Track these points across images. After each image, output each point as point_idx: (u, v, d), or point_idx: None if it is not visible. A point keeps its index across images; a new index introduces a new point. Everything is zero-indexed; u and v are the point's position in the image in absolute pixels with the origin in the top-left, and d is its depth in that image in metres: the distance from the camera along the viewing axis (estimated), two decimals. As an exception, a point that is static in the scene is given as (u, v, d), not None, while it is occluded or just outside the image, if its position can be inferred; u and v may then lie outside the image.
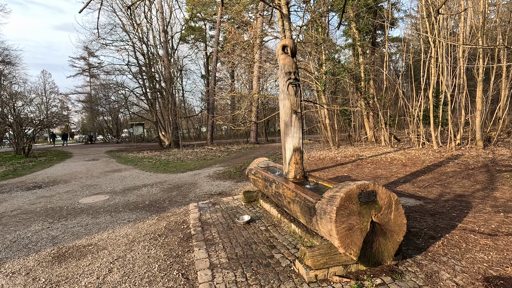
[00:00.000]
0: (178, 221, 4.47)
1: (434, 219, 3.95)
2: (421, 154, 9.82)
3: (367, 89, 14.64)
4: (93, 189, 7.23)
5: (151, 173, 9.42)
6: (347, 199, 2.33)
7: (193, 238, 3.68)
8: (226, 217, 4.43)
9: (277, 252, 3.12)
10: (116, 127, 36.45)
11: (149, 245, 3.57)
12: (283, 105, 3.83)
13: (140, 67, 23.97)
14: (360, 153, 11.55)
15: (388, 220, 2.42)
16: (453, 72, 11.55)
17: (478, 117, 10.34)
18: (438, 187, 5.79)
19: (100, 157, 15.65)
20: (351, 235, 2.32)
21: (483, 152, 9.11)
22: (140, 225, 4.37)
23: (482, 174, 6.55)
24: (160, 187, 7.16)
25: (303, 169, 3.87)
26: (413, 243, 3.19)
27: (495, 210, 4.21)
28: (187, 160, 12.94)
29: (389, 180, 6.64)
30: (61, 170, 11.05)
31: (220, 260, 3.02)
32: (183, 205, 5.40)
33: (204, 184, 7.28)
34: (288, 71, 3.71)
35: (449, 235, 3.36)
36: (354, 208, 2.35)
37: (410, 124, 12.62)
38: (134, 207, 5.43)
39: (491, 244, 3.08)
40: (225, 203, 5.31)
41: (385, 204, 2.42)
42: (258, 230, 3.82)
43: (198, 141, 28.41)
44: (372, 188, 2.40)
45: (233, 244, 3.42)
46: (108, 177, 8.94)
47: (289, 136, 3.80)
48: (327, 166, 9.23)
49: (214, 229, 3.96)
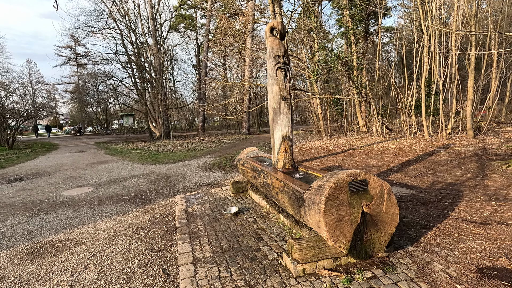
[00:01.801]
0: (164, 213, 4.29)
1: (426, 208, 3.86)
2: (412, 144, 9.79)
3: (359, 79, 14.50)
4: (77, 181, 6.97)
5: (139, 165, 9.17)
6: (336, 189, 2.17)
7: (177, 231, 3.51)
8: (214, 209, 4.27)
9: (264, 245, 2.98)
10: (105, 118, 35.67)
11: (131, 239, 3.39)
12: (271, 91, 3.63)
13: (129, 56, 23.29)
14: (352, 143, 11.49)
15: (380, 211, 2.29)
16: (445, 62, 11.47)
17: (469, 106, 10.34)
18: (429, 176, 5.73)
19: (88, 149, 15.25)
20: (341, 226, 2.18)
21: (473, 141, 9.13)
22: (123, 218, 4.18)
23: (473, 163, 6.53)
24: (147, 179, 6.94)
25: (292, 159, 3.71)
26: (405, 234, 3.09)
27: (486, 198, 4.15)
28: (177, 151, 12.68)
29: (380, 170, 6.56)
30: (45, 162, 10.68)
31: (204, 254, 2.87)
32: (170, 197, 5.21)
33: (193, 175, 7.09)
34: (276, 54, 3.50)
35: (441, 225, 3.28)
36: (344, 198, 2.20)
37: (402, 114, 12.57)
38: (118, 200, 5.22)
39: (484, 233, 3.00)
40: (214, 194, 5.14)
41: (377, 194, 2.28)
42: (246, 222, 3.67)
43: (190, 132, 28.04)
44: (363, 177, 2.25)
45: (219, 237, 3.27)
46: (94, 169, 8.65)
47: (278, 124, 3.62)
48: (318, 156, 9.13)
49: (200, 221, 3.80)
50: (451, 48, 10.77)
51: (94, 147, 15.97)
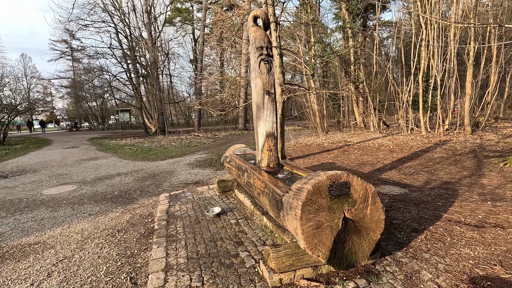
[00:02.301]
0: (144, 213, 4.09)
1: (419, 209, 3.67)
2: (409, 140, 9.60)
3: (356, 73, 14.23)
4: (62, 179, 6.75)
5: (128, 161, 8.95)
6: (315, 193, 1.97)
7: (154, 234, 3.31)
8: (196, 209, 4.07)
9: (243, 250, 2.79)
10: (101, 114, 35.32)
11: (104, 242, 3.19)
12: (254, 85, 3.40)
13: (124, 51, 22.89)
14: (348, 139, 11.29)
15: (363, 216, 2.09)
16: (443, 56, 11.22)
17: (467, 101, 10.12)
18: (424, 174, 5.54)
19: (80, 145, 15.00)
20: (320, 234, 1.98)
21: (471, 138, 8.94)
22: (101, 218, 3.97)
23: (470, 160, 6.34)
24: (134, 176, 6.73)
25: (277, 157, 3.50)
26: (394, 237, 2.90)
27: (482, 198, 3.96)
28: (170, 147, 12.46)
29: (374, 167, 6.37)
30: (34, 158, 10.45)
31: (178, 260, 2.67)
32: (155, 196, 5.01)
33: (182, 173, 6.88)
34: (259, 45, 3.27)
35: (433, 228, 3.08)
36: (324, 203, 1.99)
37: (400, 109, 12.36)
38: (100, 198, 5.01)
39: (478, 237, 2.81)
40: (199, 193, 4.94)
41: (360, 198, 2.08)
42: (228, 223, 3.48)
43: (186, 128, 27.75)
44: (345, 179, 2.04)
45: (197, 240, 3.07)
46: (82, 166, 8.43)
47: (261, 120, 3.40)
48: (313, 153, 8.93)
49: (180, 223, 3.60)
50: (450, 42, 10.51)
51: (87, 143, 15.72)
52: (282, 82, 7.37)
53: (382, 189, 4.67)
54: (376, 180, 5.22)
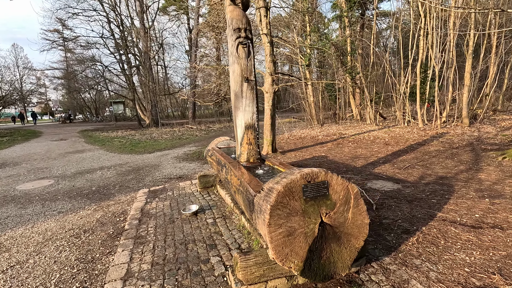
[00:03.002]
0: (117, 211, 3.80)
1: (411, 207, 3.40)
2: (405, 132, 9.32)
3: (353, 64, 13.84)
4: (40, 173, 6.44)
5: (115, 154, 8.63)
6: (286, 194, 1.67)
7: (122, 235, 3.03)
8: (174, 207, 3.79)
9: (215, 255, 2.51)
10: (95, 105, 34.74)
11: (66, 244, 2.90)
12: (232, 71, 3.07)
13: (116, 40, 22.26)
14: (343, 132, 11.00)
15: (344, 221, 1.80)
16: (443, 47, 10.85)
17: (465, 93, 9.82)
18: (419, 168, 5.27)
19: (70, 137, 14.63)
20: (292, 242, 1.70)
21: (469, 130, 8.68)
22: (70, 217, 3.68)
23: (467, 154, 6.07)
24: (117, 170, 6.42)
25: (258, 151, 3.19)
26: (383, 240, 2.63)
27: (479, 195, 3.70)
28: (161, 139, 12.12)
29: (368, 161, 6.09)
30: (18, 151, 10.09)
31: (141, 267, 2.39)
32: (133, 192, 4.72)
33: (167, 166, 6.58)
34: (237, 27, 2.92)
35: (426, 228, 2.82)
36: (297, 206, 1.70)
37: (397, 101, 12.05)
38: (76, 194, 4.72)
39: (474, 240, 2.55)
40: (181, 188, 4.65)
41: (340, 199, 1.79)
42: (204, 223, 3.20)
43: (181, 120, 27.34)
44: (322, 178, 1.75)
45: (167, 243, 2.79)
46: (66, 159, 8.11)
47: (240, 111, 3.08)
48: (306, 146, 8.64)
49: (153, 222, 3.32)
50: (449, 31, 10.14)
51: (77, 135, 15.34)
52: (272, 72, 7.01)
53: (374, 184, 4.40)
54: (369, 175, 4.95)
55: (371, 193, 3.97)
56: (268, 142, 7.36)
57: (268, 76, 7.00)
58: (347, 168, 5.52)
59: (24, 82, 42.33)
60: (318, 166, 5.87)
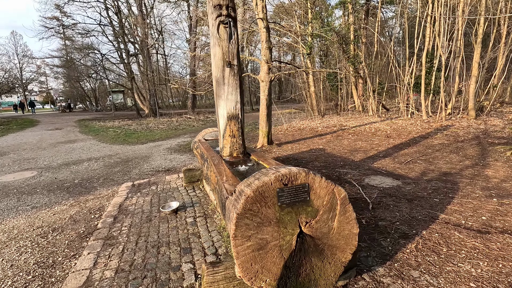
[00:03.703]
0: (94, 207, 3.54)
1: (411, 207, 3.10)
2: (408, 125, 8.95)
3: (356, 53, 13.33)
4: (26, 164, 6.20)
5: (106, 145, 8.36)
6: (257, 200, 1.37)
7: (93, 235, 2.77)
8: (154, 203, 3.52)
9: (188, 261, 2.24)
10: (94, 95, 34.41)
11: (29, 245, 2.65)
12: (213, 55, 2.74)
13: (114, 27, 21.73)
14: (344, 123, 10.64)
15: (328, 231, 1.51)
16: (450, 36, 10.33)
17: (472, 84, 9.37)
18: (421, 163, 4.95)
19: (65, 126, 14.39)
20: (263, 257, 1.41)
21: (475, 123, 8.28)
22: (43, 213, 3.43)
23: (473, 148, 5.73)
24: (105, 162, 6.16)
25: (242, 144, 2.89)
26: (378, 246, 2.35)
27: (486, 193, 3.39)
28: (156, 129, 11.84)
29: (367, 154, 5.78)
30: (10, 140, 9.86)
31: (104, 274, 2.13)
32: (117, 185, 4.46)
33: (157, 158, 6.31)
34: (217, 3, 2.57)
35: (426, 233, 2.53)
36: (270, 214, 1.41)
37: (400, 92, 11.60)
38: (56, 187, 4.47)
39: (481, 247, 2.26)
40: (166, 182, 4.38)
41: (324, 206, 1.49)
42: (183, 222, 2.92)
43: (181, 110, 27.00)
44: (302, 180, 1.44)
45: (138, 245, 2.53)
46: (55, 149, 7.86)
47: (221, 99, 2.76)
48: (304, 138, 8.32)
49: (129, 220, 3.05)
50: (458, 18, 9.61)
51: (73, 125, 15.10)
52: (269, 59, 6.63)
53: (372, 180, 4.10)
54: (367, 170, 4.65)
55: (368, 190, 3.68)
56: (264, 134, 7.04)
57: (264, 64, 6.63)
58: (345, 162, 5.21)
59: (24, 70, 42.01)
60: (315, 159, 5.56)
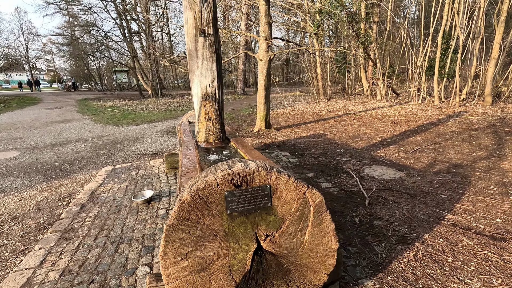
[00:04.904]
0: (65, 193, 3.26)
1: (414, 204, 2.72)
2: (418, 110, 8.38)
3: (366, 32, 12.50)
4: (12, 144, 5.97)
5: (99, 125, 8.08)
6: (196, 207, 1.01)
7: (52, 226, 2.49)
8: (129, 191, 3.22)
9: (146, 263, 1.93)
10: (98, 74, 34.07)
11: (-20, 236, 2.39)
12: (185, 21, 2.30)
13: (116, 3, 20.99)
14: (350, 108, 10.10)
15: (296, 247, 1.15)
16: (470, 14, 9.46)
17: (491, 67, 8.65)
18: (429, 152, 4.51)
19: (65, 105, 14.17)
20: (205, 281, 1.06)
21: (491, 110, 7.67)
22: (9, 198, 3.17)
23: (488, 137, 5.23)
24: (93, 143, 5.89)
25: (220, 129, 2.50)
26: (370, 252, 1.99)
27: (502, 190, 2.97)
28: (155, 110, 11.50)
29: (370, 141, 5.34)
30: (6, 119, 9.68)
31: (47, 276, 1.84)
32: (98, 169, 4.17)
33: (148, 141, 5.99)
34: (187, -44, 2.11)
35: (429, 237, 2.16)
36: (215, 225, 1.05)
37: (412, 76, 10.89)
38: (34, 170, 4.21)
39: (495, 258, 1.88)
40: (149, 167, 4.07)
41: (291, 214, 1.12)
42: (153, 215, 2.61)
43: (185, 91, 26.52)
44: (262, 180, 1.07)
45: (97, 241, 2.23)
46: (47, 129, 7.62)
47: (195, 75, 2.36)
48: (305, 122, 7.87)
49: (96, 210, 2.76)
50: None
51: (73, 104, 14.88)
52: (268, 36, 6.10)
53: (373, 171, 3.70)
54: (368, 159, 4.24)
55: (367, 183, 3.29)
56: (262, 117, 6.63)
57: (262, 41, 6.10)
58: (345, 150, 4.80)
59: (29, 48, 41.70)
60: (313, 146, 5.16)
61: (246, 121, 8.45)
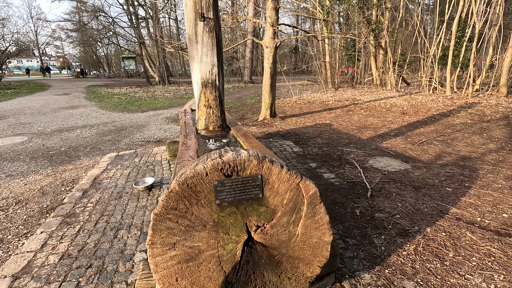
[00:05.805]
0: (69, 179, 3.30)
1: (417, 196, 2.66)
2: (428, 101, 8.15)
3: (378, 19, 12.09)
4: (20, 129, 6.06)
5: (106, 112, 8.14)
6: (184, 196, 0.99)
7: (55, 211, 2.53)
8: (131, 177, 3.24)
9: (143, 249, 1.95)
10: (106, 61, 34.13)
11: (-15, 218, 2.44)
12: (185, 4, 2.23)
13: (122, -12, 20.77)
14: (358, 97, 9.90)
15: (288, 239, 1.12)
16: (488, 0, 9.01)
17: (508, 56, 8.29)
18: (437, 144, 4.39)
19: (73, 92, 14.30)
20: (193, 271, 1.05)
21: (505, 101, 7.40)
22: (15, 183, 3.23)
23: (500, 129, 5.06)
24: (99, 129, 5.93)
25: (220, 117, 2.47)
26: (369, 244, 1.96)
27: (511, 184, 2.88)
28: (161, 97, 11.50)
29: (377, 132, 5.23)
30: (15, 104, 9.83)
31: (47, 259, 1.88)
32: (102, 155, 4.21)
33: (153, 128, 6.01)
34: None
35: (431, 230, 2.11)
36: (204, 215, 1.02)
37: (425, 65, 10.55)
38: (40, 155, 4.27)
39: (498, 254, 1.83)
40: (152, 154, 4.09)
41: (283, 205, 1.08)
42: (154, 201, 2.63)
43: (192, 79, 26.40)
44: (254, 169, 1.03)
45: (97, 226, 2.26)
46: (55, 115, 7.71)
47: (195, 61, 2.30)
48: (312, 111, 7.76)
49: (98, 196, 2.79)
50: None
51: (81, 91, 14.99)
52: (274, 22, 5.94)
53: (377, 162, 3.63)
54: (374, 150, 4.15)
55: (370, 174, 3.23)
56: (267, 106, 6.55)
57: (269, 27, 5.95)
58: (350, 140, 4.72)
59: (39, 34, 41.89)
60: (318, 135, 5.09)
61: (251, 109, 8.38)
